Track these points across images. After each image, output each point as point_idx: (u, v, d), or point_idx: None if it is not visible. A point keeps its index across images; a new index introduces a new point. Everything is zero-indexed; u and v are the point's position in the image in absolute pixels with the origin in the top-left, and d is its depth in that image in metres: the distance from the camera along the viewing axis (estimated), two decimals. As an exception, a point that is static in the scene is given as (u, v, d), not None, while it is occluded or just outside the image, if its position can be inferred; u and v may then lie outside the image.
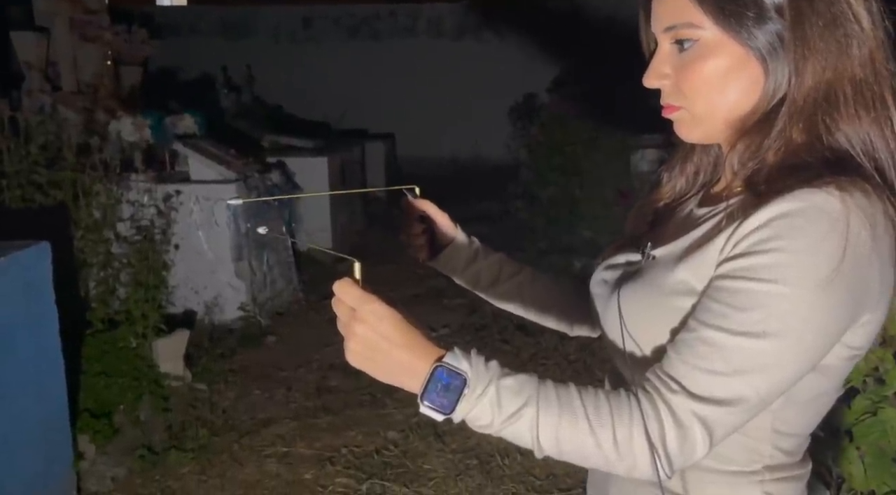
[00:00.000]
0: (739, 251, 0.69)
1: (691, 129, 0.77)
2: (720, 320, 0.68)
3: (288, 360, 3.44)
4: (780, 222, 0.67)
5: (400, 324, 0.69)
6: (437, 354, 0.69)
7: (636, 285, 0.79)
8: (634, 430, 0.67)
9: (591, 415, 0.68)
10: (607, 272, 0.88)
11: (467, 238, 1.04)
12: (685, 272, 0.74)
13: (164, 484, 2.45)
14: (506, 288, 1.03)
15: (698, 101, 0.74)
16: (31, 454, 2.06)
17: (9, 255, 1.95)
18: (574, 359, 3.32)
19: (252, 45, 7.87)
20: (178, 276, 3.53)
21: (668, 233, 0.83)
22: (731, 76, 0.72)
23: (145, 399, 2.72)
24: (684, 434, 0.67)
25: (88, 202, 2.97)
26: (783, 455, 0.76)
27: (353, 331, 0.68)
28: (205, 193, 3.65)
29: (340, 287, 0.69)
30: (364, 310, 0.68)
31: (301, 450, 2.65)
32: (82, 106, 4.16)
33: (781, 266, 0.66)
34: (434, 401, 0.68)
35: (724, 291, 0.69)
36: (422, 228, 1.01)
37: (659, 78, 0.77)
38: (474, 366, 0.68)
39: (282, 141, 5.36)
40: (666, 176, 0.88)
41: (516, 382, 0.68)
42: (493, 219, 5.76)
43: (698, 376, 0.67)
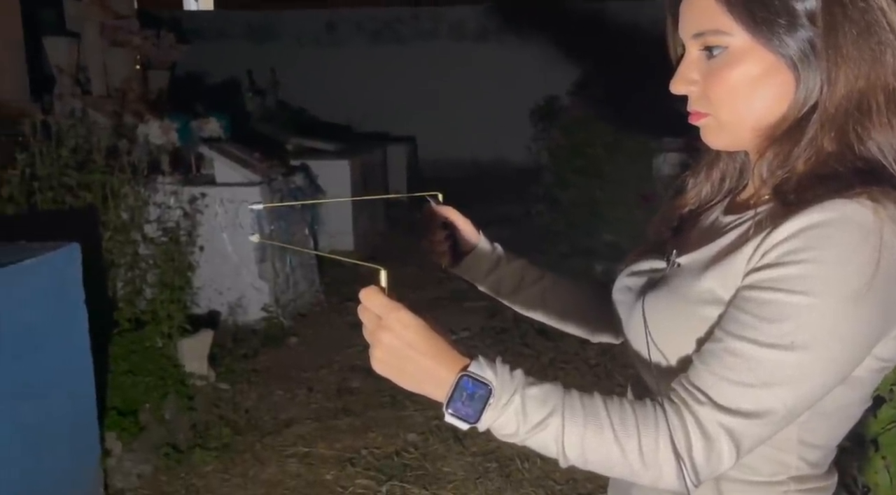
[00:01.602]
0: (768, 261, 0.68)
1: (718, 137, 0.77)
2: (748, 331, 0.67)
3: (310, 361, 3.48)
4: (811, 233, 0.66)
5: (425, 333, 0.69)
6: (462, 363, 0.69)
7: (661, 293, 0.79)
8: (660, 441, 0.67)
9: (616, 425, 0.67)
10: (631, 279, 0.88)
11: (490, 244, 1.03)
12: (711, 281, 0.73)
13: (189, 481, 2.49)
14: (528, 294, 1.03)
15: (725, 109, 0.74)
16: (60, 450, 2.11)
17: (40, 256, 2.00)
18: (595, 364, 3.30)
19: (276, 49, 7.96)
20: (203, 277, 3.59)
21: (693, 240, 0.82)
22: (761, 84, 0.71)
23: (170, 398, 2.77)
24: (711, 445, 0.66)
25: (117, 204, 3.04)
26: (809, 466, 0.76)
27: (379, 339, 0.69)
28: (229, 196, 3.70)
29: (367, 295, 0.70)
30: (390, 318, 0.68)
31: (322, 451, 2.68)
32: (111, 109, 4.25)
33: (811, 277, 0.65)
34: (459, 410, 0.68)
35: (753, 302, 0.68)
36: (444, 234, 1.01)
37: (686, 84, 0.76)
38: (499, 375, 0.68)
39: (305, 144, 5.41)
40: (691, 182, 0.87)
41: (541, 392, 0.68)
42: (513, 222, 5.76)
43: (725, 387, 0.67)
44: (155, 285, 3.11)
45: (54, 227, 2.71)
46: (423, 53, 8.11)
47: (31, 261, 1.96)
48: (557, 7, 7.79)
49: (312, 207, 4.49)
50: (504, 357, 0.71)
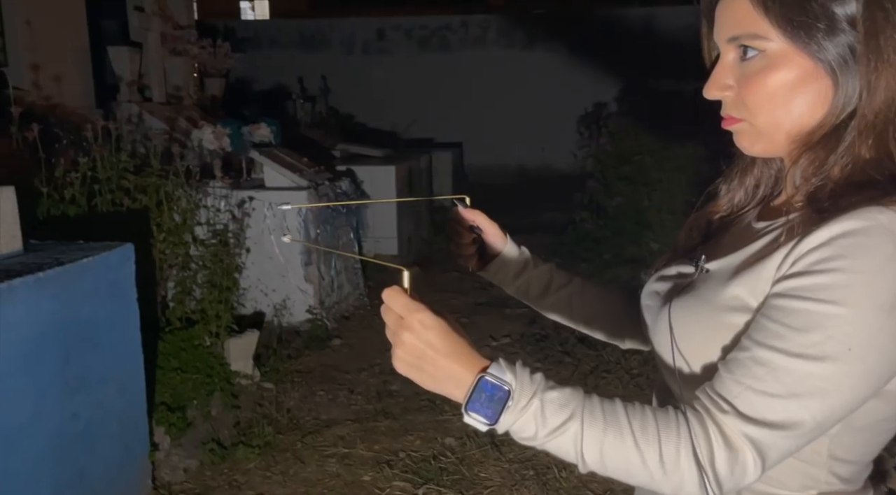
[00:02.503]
0: (798, 269, 0.66)
1: (753, 143, 0.75)
2: (776, 340, 0.66)
3: (351, 363, 3.53)
4: (843, 241, 0.64)
5: (446, 334, 0.69)
6: (482, 364, 0.69)
7: (688, 299, 0.77)
8: (682, 449, 0.66)
9: (636, 432, 0.67)
10: (659, 284, 0.87)
11: (517, 248, 1.03)
12: (739, 288, 0.72)
13: (232, 477, 2.56)
14: (555, 299, 1.02)
15: (761, 115, 0.72)
16: (111, 443, 2.20)
17: (96, 256, 2.09)
18: (637, 374, 3.25)
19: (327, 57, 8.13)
20: (250, 279, 3.69)
21: (723, 246, 0.81)
22: (798, 90, 0.70)
23: (216, 395, 2.86)
24: (735, 456, 0.65)
25: (170, 207, 3.15)
26: (841, 482, 0.74)
27: (401, 339, 0.70)
28: (277, 200, 3.80)
29: (389, 295, 0.71)
30: (411, 319, 0.69)
31: (361, 452, 2.72)
32: (168, 115, 4.41)
33: (842, 287, 0.64)
34: (478, 411, 0.68)
35: (781, 311, 0.66)
36: (471, 238, 1.01)
37: (720, 89, 0.74)
38: (519, 378, 0.68)
39: (352, 150, 5.50)
40: (724, 188, 0.86)
41: (561, 396, 0.68)
42: (558, 229, 5.72)
43: (751, 397, 0.66)
44: (204, 286, 3.21)
45: (111, 228, 2.84)
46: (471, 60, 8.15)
47: (87, 260, 2.05)
48: (605, 14, 7.72)
49: (357, 212, 4.56)
50: (544, 364, 0.71)
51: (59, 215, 2.86)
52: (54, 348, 1.94)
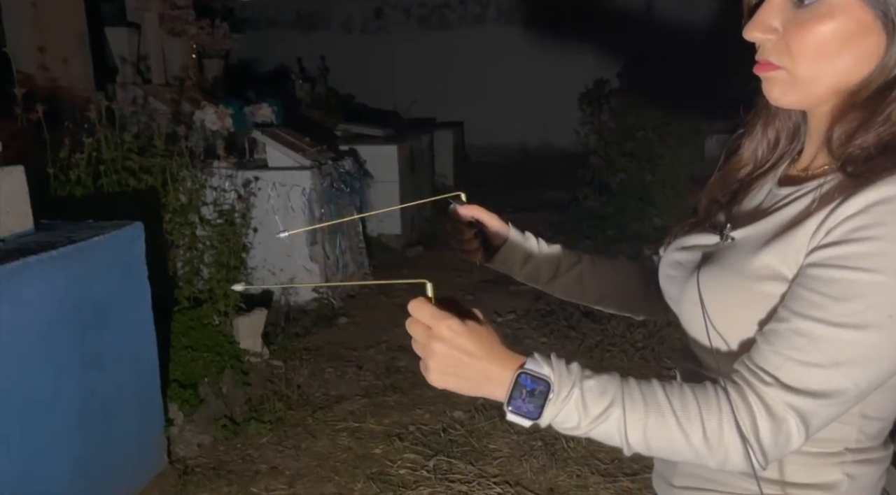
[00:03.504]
0: (835, 238, 0.65)
1: (787, 92, 0.72)
2: (816, 311, 0.65)
3: (359, 341, 3.56)
4: (880, 208, 0.63)
5: (477, 336, 0.68)
6: (518, 361, 0.69)
7: (716, 269, 0.76)
8: (724, 423, 0.66)
9: (678, 411, 0.66)
10: (681, 254, 0.85)
11: (521, 234, 1.02)
12: (771, 256, 0.71)
13: (245, 452, 2.60)
14: (566, 280, 1.01)
15: (805, 64, 0.69)
16: (127, 418, 2.23)
17: (106, 234, 2.11)
18: (642, 347, 3.28)
19: (326, 37, 8.07)
20: (257, 258, 3.71)
21: (746, 213, 0.80)
22: (851, 43, 0.67)
23: (227, 373, 2.89)
24: (779, 425, 0.65)
25: (175, 187, 3.16)
26: (868, 439, 0.75)
27: (432, 350, 0.68)
28: (281, 179, 3.81)
29: (415, 307, 0.69)
30: (440, 327, 0.68)
31: (371, 426, 2.76)
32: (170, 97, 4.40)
33: (880, 254, 0.63)
34: (520, 408, 0.67)
35: (820, 280, 0.66)
36: (473, 232, 0.98)
37: (765, 31, 0.71)
38: (556, 370, 0.68)
39: (353, 129, 5.49)
40: (747, 142, 0.84)
41: (599, 383, 0.68)
42: (561, 207, 5.73)
43: (794, 368, 0.65)
44: (212, 265, 3.23)
45: (118, 209, 2.85)
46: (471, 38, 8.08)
47: (98, 238, 2.07)
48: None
49: (361, 192, 4.57)
50: (549, 339, 0.71)
51: (65, 196, 2.87)
52: (70, 325, 1.96)
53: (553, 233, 5.20)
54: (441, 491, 2.33)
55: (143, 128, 3.41)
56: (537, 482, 2.38)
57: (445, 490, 2.33)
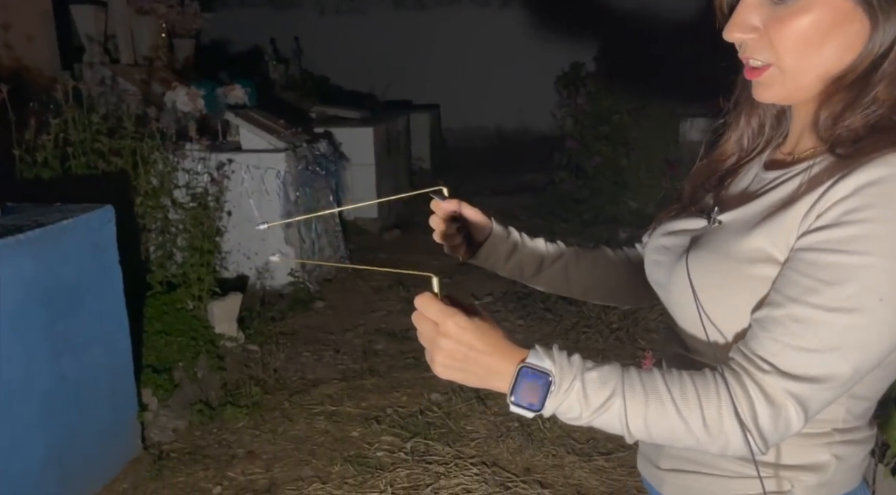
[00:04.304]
0: (826, 222, 0.65)
1: (777, 89, 0.72)
2: (810, 296, 0.65)
3: (335, 324, 3.55)
4: (871, 190, 0.63)
5: (482, 332, 0.70)
6: (521, 355, 0.70)
7: (705, 253, 0.76)
8: (723, 410, 0.66)
9: (677, 399, 0.67)
10: (668, 238, 0.85)
11: (504, 229, 1.01)
12: (761, 239, 0.71)
13: (221, 436, 2.58)
14: (550, 273, 1.01)
15: (790, 57, 0.69)
16: (100, 403, 2.20)
17: (76, 217, 2.06)
18: (616, 328, 3.33)
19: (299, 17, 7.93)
20: (231, 242, 3.67)
21: (733, 197, 0.80)
22: (834, 31, 0.67)
23: (202, 357, 2.86)
24: (777, 411, 0.66)
25: (147, 170, 3.10)
26: (854, 418, 0.76)
27: (439, 346, 0.70)
28: (255, 162, 3.76)
29: (422, 302, 0.70)
30: (447, 324, 0.69)
31: (348, 409, 2.76)
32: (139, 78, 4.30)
33: (872, 237, 0.63)
34: (522, 400, 0.69)
35: (813, 265, 0.66)
36: (455, 227, 0.97)
37: (745, 31, 0.71)
38: (558, 363, 0.69)
39: (329, 112, 5.43)
40: (731, 132, 0.84)
41: (600, 374, 0.69)
42: (537, 190, 5.75)
43: (791, 354, 0.66)
44: (185, 249, 3.18)
45: (88, 192, 2.78)
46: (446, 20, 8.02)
47: (67, 221, 2.02)
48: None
49: (336, 174, 4.53)
50: (526, 321, 0.71)
51: (32, 178, 2.79)
52: (39, 310, 1.92)
53: (530, 216, 5.22)
54: (419, 472, 2.35)
55: (111, 109, 3.33)
56: (514, 462, 2.40)
57: (423, 471, 2.35)
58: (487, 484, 2.28)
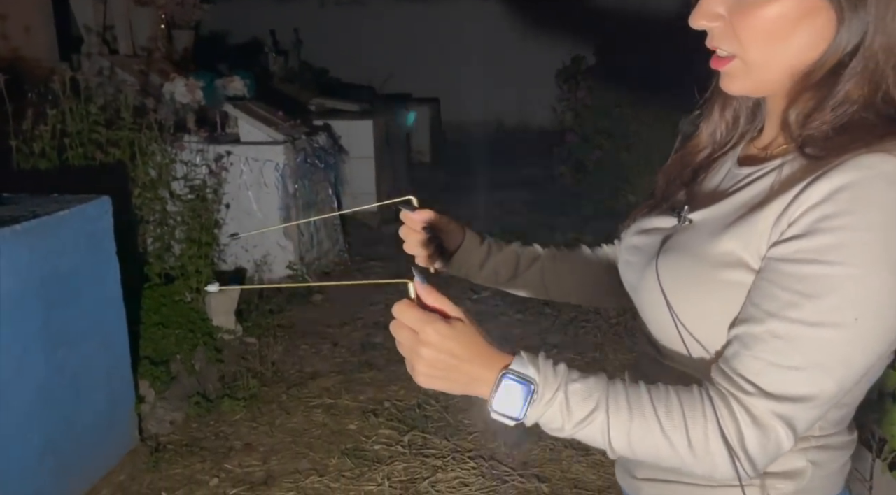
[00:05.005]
0: (801, 230, 0.63)
1: (742, 81, 0.70)
2: (791, 310, 0.62)
3: (334, 318, 3.54)
4: (844, 195, 0.61)
5: (464, 338, 0.68)
6: (504, 361, 0.68)
7: (676, 255, 0.74)
8: (710, 433, 0.64)
9: (662, 418, 0.65)
10: (640, 238, 0.83)
11: (477, 236, 0.99)
12: (732, 242, 0.68)
13: (218, 428, 2.58)
14: (526, 277, 0.99)
15: (754, 49, 0.67)
16: (97, 395, 2.20)
17: (72, 208, 2.05)
18: (615, 323, 3.32)
19: (299, 9, 7.90)
20: (230, 234, 3.65)
21: (705, 194, 0.77)
22: (800, 24, 0.65)
23: (200, 349, 2.86)
24: (766, 434, 0.64)
25: (145, 161, 3.09)
26: (830, 425, 0.74)
27: (420, 355, 0.67)
28: (254, 154, 3.74)
29: (399, 310, 0.68)
30: (427, 332, 0.67)
31: (346, 402, 2.75)
32: (138, 68, 4.28)
33: (850, 245, 0.60)
34: (503, 408, 0.67)
35: (791, 277, 0.63)
36: (427, 237, 0.94)
37: (710, 18, 0.69)
38: (542, 372, 0.67)
39: (328, 104, 5.41)
40: (704, 124, 0.82)
41: (585, 386, 0.67)
42: (537, 184, 5.73)
43: (774, 373, 0.63)
44: (183, 241, 3.18)
45: (85, 183, 2.77)
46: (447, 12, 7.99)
47: (63, 212, 2.01)
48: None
49: (335, 167, 4.52)
50: (524, 315, 0.69)
51: (29, 169, 2.78)
52: (36, 301, 1.92)
53: (529, 211, 5.21)
54: (416, 465, 2.34)
55: (109, 100, 3.31)
56: (511, 456, 2.40)
57: (420, 465, 2.35)
58: (485, 477, 2.28)
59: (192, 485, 2.25)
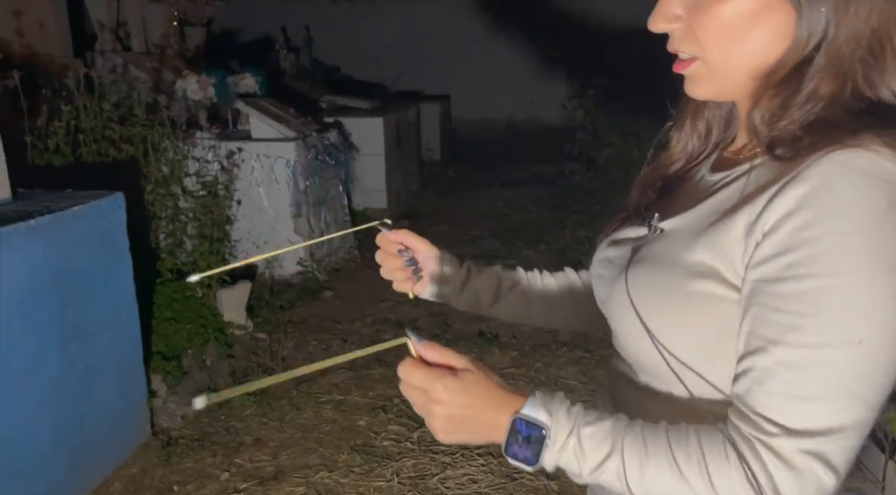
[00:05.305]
0: (783, 246, 0.58)
1: (705, 85, 0.68)
2: (793, 334, 0.58)
3: (343, 314, 3.55)
4: (819, 199, 0.57)
5: (474, 388, 0.66)
6: (517, 405, 0.66)
7: (645, 267, 0.70)
8: (735, 480, 0.59)
9: (681, 462, 0.61)
10: (611, 250, 0.79)
11: (455, 259, 0.95)
12: (704, 252, 0.65)
13: (229, 423, 2.60)
14: (510, 300, 0.95)
15: (714, 50, 0.65)
16: (109, 389, 2.22)
17: (86, 204, 2.07)
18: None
19: (310, 6, 7.92)
20: (241, 231, 3.68)
21: (678, 202, 0.74)
22: (757, 21, 0.62)
23: (211, 345, 2.88)
24: (802, 476, 0.57)
25: (157, 157, 3.11)
26: None
27: (434, 414, 0.66)
28: (265, 151, 3.76)
29: (404, 371, 0.67)
30: (436, 390, 0.66)
31: (355, 399, 2.77)
32: (151, 65, 4.31)
33: (836, 252, 0.56)
34: (517, 454, 0.65)
35: (783, 297, 0.58)
36: (402, 261, 0.93)
37: (668, 20, 0.67)
38: (554, 415, 0.65)
39: (339, 101, 5.42)
40: (675, 136, 0.79)
41: (599, 430, 0.64)
42: (548, 182, 5.72)
43: (793, 407, 0.58)
44: (195, 237, 3.20)
45: (99, 179, 2.80)
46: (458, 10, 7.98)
47: (77, 208, 2.03)
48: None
49: (346, 164, 4.53)
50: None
51: (44, 165, 2.81)
52: (50, 295, 1.94)
53: (539, 208, 5.20)
54: (425, 462, 2.35)
55: (122, 96, 3.34)
56: (520, 453, 2.40)
57: (429, 461, 2.35)
58: (493, 474, 2.28)
59: (204, 479, 2.27)
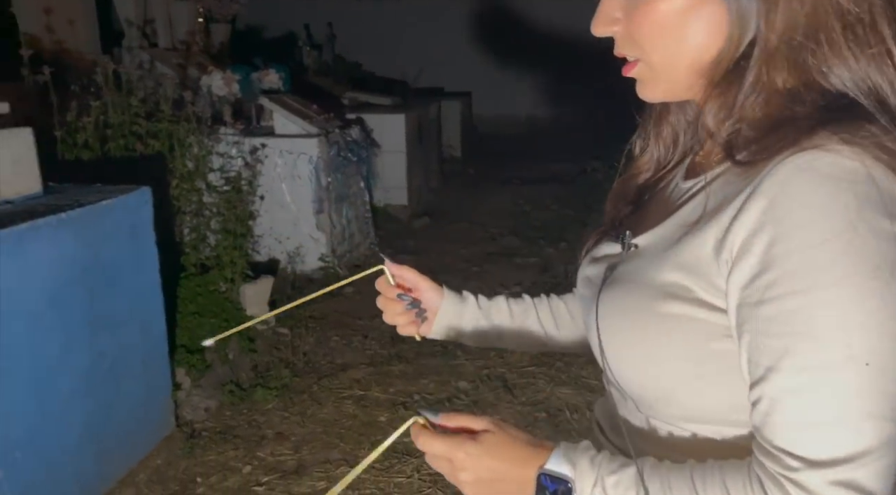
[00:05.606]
0: (759, 266, 0.56)
1: (653, 87, 0.67)
2: (790, 359, 0.55)
3: (364, 310, 3.57)
4: (784, 210, 0.55)
5: (497, 450, 0.66)
6: (541, 459, 0.65)
7: (616, 289, 0.68)
8: None
9: None
10: (591, 268, 0.77)
11: (458, 295, 0.93)
12: (675, 272, 0.63)
13: (251, 417, 2.63)
14: (523, 330, 0.93)
15: (655, 50, 0.64)
16: (135, 381, 2.25)
17: (115, 198, 2.10)
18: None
19: (333, 3, 7.95)
20: (263, 226, 3.71)
21: (650, 215, 0.72)
22: (690, 17, 0.61)
23: (233, 339, 2.91)
24: None
25: (182, 153, 3.14)
26: None
27: (462, 480, 0.67)
28: (288, 147, 3.78)
29: (425, 444, 0.68)
30: (459, 457, 0.66)
31: (376, 394, 2.78)
32: (177, 62, 4.35)
33: (811, 264, 0.54)
34: None
35: (770, 320, 0.56)
36: (405, 303, 0.91)
37: (608, 24, 0.66)
38: (578, 467, 0.64)
39: (361, 98, 5.44)
40: (639, 144, 0.77)
41: (624, 477, 0.63)
42: (568, 180, 5.69)
43: (808, 436, 0.55)
44: (218, 232, 3.23)
45: (126, 173, 2.84)
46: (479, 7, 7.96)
47: (106, 202, 2.06)
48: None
49: (367, 161, 4.54)
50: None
51: (73, 159, 2.86)
52: (79, 288, 1.97)
53: (560, 206, 5.18)
54: (445, 458, 2.35)
55: (149, 92, 3.38)
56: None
57: (449, 458, 2.36)
58: (513, 473, 2.27)
59: (226, 472, 2.30)
